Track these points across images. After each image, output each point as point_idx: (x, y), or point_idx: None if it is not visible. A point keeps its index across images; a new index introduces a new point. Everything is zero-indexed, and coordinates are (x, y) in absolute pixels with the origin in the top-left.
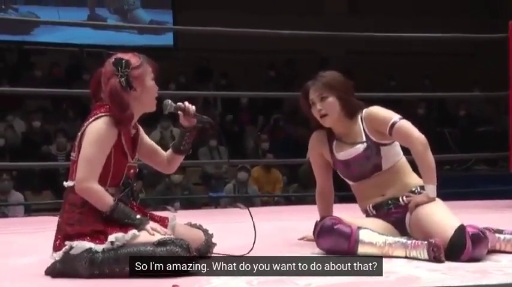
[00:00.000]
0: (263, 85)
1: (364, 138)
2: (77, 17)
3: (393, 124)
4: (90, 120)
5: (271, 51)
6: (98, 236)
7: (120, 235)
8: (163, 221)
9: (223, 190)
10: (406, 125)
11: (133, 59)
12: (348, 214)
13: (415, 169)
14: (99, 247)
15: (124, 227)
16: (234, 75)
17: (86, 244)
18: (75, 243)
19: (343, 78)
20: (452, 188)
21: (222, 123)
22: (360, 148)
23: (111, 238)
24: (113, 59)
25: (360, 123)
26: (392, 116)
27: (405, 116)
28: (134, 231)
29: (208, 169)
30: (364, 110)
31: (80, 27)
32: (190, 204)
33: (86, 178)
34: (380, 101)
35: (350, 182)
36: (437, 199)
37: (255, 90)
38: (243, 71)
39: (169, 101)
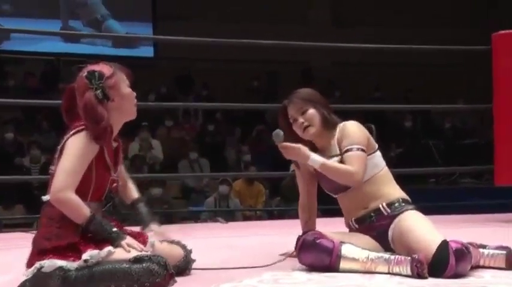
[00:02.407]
0: (245, 96)
1: (338, 151)
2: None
3: (346, 151)
4: (71, 133)
5: (254, 62)
6: (72, 253)
7: (94, 252)
8: (142, 237)
9: (204, 204)
10: (355, 157)
11: (105, 69)
12: (331, 228)
13: (397, 182)
14: (72, 265)
15: (99, 243)
16: (215, 86)
17: (58, 262)
18: (46, 262)
19: (318, 94)
20: (437, 201)
21: (203, 134)
22: (335, 161)
23: (85, 255)
24: (85, 73)
25: (335, 139)
26: (355, 143)
27: (391, 129)
28: (109, 248)
29: (189, 182)
30: (343, 123)
31: (54, 41)
32: (169, 218)
33: (63, 188)
34: (365, 113)
35: (333, 195)
36: (419, 214)
37: (237, 101)
38: (225, 82)
39: (281, 132)
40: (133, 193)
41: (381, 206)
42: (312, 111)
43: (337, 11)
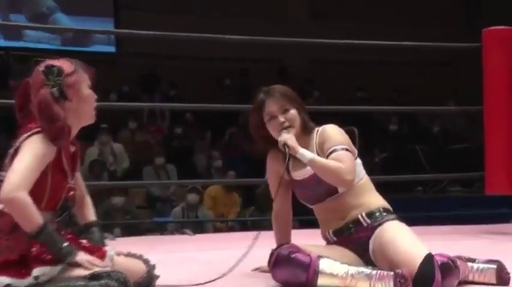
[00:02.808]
0: (217, 96)
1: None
2: None
3: (332, 152)
4: (25, 135)
5: (226, 59)
6: (24, 268)
7: (47, 268)
8: (100, 252)
9: (170, 214)
10: (343, 156)
11: (65, 65)
12: (308, 240)
13: (380, 189)
14: (21, 283)
15: (54, 258)
16: (184, 85)
17: (5, 280)
18: None
19: (297, 95)
20: (424, 211)
21: (170, 137)
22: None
23: (36, 271)
24: (43, 67)
25: (315, 141)
26: (338, 143)
27: (375, 132)
28: (64, 264)
29: (154, 190)
30: (321, 127)
31: None
32: (132, 230)
33: (15, 187)
34: (347, 115)
35: (308, 205)
36: (402, 224)
37: (208, 101)
38: (194, 80)
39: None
40: (90, 213)
41: (360, 216)
42: (293, 111)
43: (316, 2)
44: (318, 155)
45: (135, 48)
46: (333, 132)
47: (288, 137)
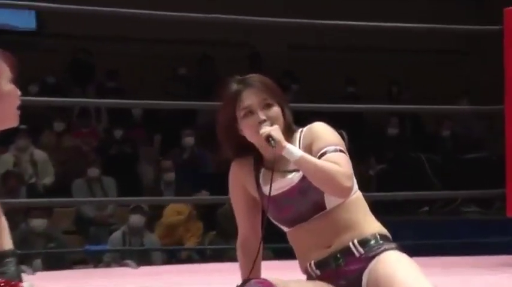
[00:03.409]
0: (169, 89)
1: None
2: None
3: (323, 154)
4: None
5: (181, 43)
6: None
7: None
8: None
9: (108, 241)
10: (338, 158)
11: None
12: (283, 274)
13: (375, 210)
14: None
15: None
16: (126, 75)
17: None
18: None
19: (275, 84)
20: (431, 238)
21: (107, 142)
22: (294, 177)
23: None
24: None
25: (298, 143)
26: (331, 143)
27: (370, 137)
28: None
29: (86, 210)
30: (306, 127)
31: None
32: (57, 261)
33: None
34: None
35: (284, 228)
36: (404, 255)
37: (157, 96)
38: (139, 69)
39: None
40: (4, 240)
41: (351, 244)
42: (276, 109)
43: None
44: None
45: (62, 27)
46: (323, 131)
47: (272, 128)
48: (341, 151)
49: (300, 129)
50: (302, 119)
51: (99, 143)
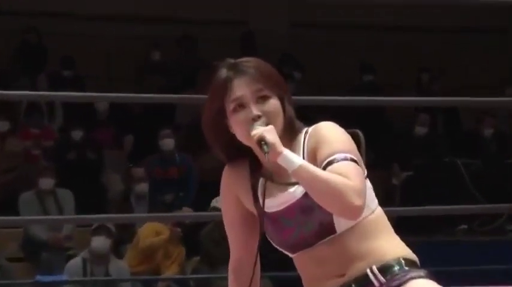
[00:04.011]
0: (141, 79)
1: None
2: None
3: (330, 163)
4: None
5: (158, 20)
6: None
7: None
8: None
9: (64, 270)
10: (348, 168)
11: None
12: None
13: (400, 228)
14: None
15: None
16: (86, 61)
17: None
18: None
19: (276, 70)
20: (470, 262)
21: (63, 145)
22: (297, 192)
23: None
24: None
25: (302, 147)
26: (340, 150)
27: (392, 138)
28: None
29: (37, 231)
30: (313, 127)
31: None
32: None
33: None
34: (346, 111)
35: (287, 253)
36: (435, 285)
37: (127, 87)
38: (103, 54)
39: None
40: None
41: (369, 271)
42: (275, 102)
43: None
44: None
45: (6, 4)
46: (331, 133)
47: (266, 129)
48: (352, 159)
49: (305, 129)
50: (306, 116)
51: (54, 146)
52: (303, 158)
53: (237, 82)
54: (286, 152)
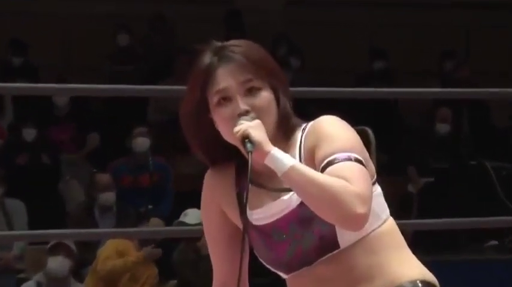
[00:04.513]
0: (105, 68)
1: None
2: None
3: (329, 163)
4: None
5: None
6: None
7: None
8: None
9: None
10: (351, 170)
11: None
12: None
13: (417, 245)
14: None
15: None
16: (41, 46)
17: None
18: None
19: (271, 56)
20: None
21: (13, 148)
22: (292, 200)
23: None
24: None
25: (298, 148)
26: (342, 148)
27: (408, 137)
28: None
29: None
30: (310, 123)
31: None
32: None
33: None
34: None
35: (280, 274)
36: None
37: (88, 78)
38: (61, 38)
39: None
40: None
41: None
42: (266, 94)
43: None
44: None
45: None
46: (332, 129)
47: (251, 125)
48: (357, 160)
49: (303, 126)
50: (304, 110)
51: (2, 148)
52: (300, 160)
53: (222, 71)
54: (275, 151)
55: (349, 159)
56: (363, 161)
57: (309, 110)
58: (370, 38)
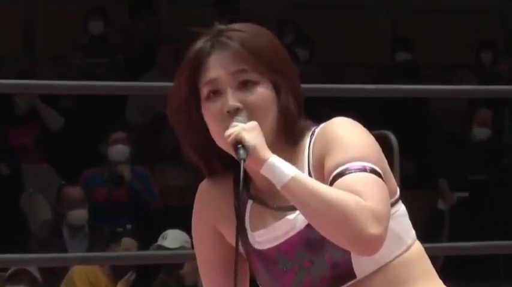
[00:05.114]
0: (76, 61)
1: None
2: None
3: (339, 175)
4: None
5: None
6: None
7: None
8: None
9: None
10: (361, 182)
11: None
12: None
13: (449, 272)
14: None
15: None
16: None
17: None
18: None
19: (279, 42)
20: None
21: None
22: (299, 220)
23: None
24: None
25: (306, 156)
26: (352, 157)
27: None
28: None
29: None
30: (320, 126)
31: None
32: None
33: None
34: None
35: None
36: None
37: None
38: (24, 24)
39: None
40: None
41: None
42: (263, 90)
43: None
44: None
45: None
46: (346, 133)
47: (246, 127)
48: (373, 171)
49: (312, 130)
50: (314, 110)
51: None
52: (309, 170)
53: (214, 58)
54: (273, 159)
55: (364, 170)
56: (381, 172)
57: (320, 110)
58: (392, 25)
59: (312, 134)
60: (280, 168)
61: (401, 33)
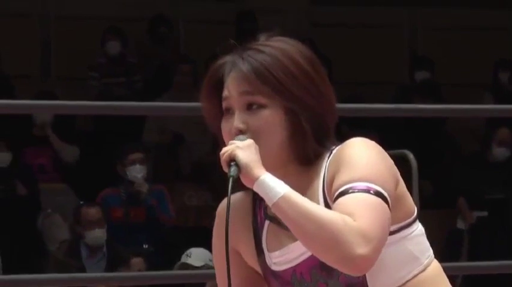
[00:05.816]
0: (92, 80)
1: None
2: None
3: (342, 193)
4: None
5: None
6: None
7: None
8: None
9: None
10: (357, 201)
11: None
12: None
13: None
14: None
15: None
16: (16, 54)
17: None
18: None
19: (304, 63)
20: None
21: None
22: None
23: None
24: None
25: (322, 178)
26: (359, 177)
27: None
28: None
29: None
30: (337, 147)
31: None
32: None
33: None
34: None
35: None
36: None
37: (71, 93)
38: (37, 44)
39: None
40: None
41: None
42: (268, 114)
43: None
44: (328, 206)
45: None
46: (358, 153)
47: (240, 145)
48: (377, 193)
49: (331, 150)
50: (337, 130)
51: None
52: (323, 192)
53: (231, 77)
54: (266, 177)
55: (367, 191)
56: (387, 196)
57: (340, 129)
58: (410, 43)
59: (330, 154)
60: (271, 186)
61: (420, 52)
